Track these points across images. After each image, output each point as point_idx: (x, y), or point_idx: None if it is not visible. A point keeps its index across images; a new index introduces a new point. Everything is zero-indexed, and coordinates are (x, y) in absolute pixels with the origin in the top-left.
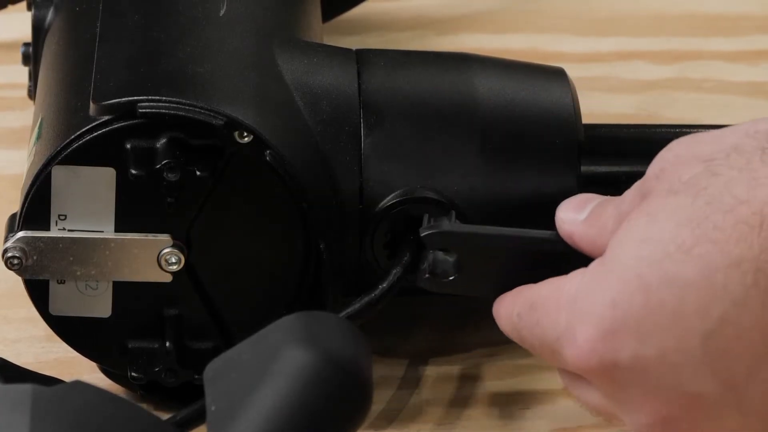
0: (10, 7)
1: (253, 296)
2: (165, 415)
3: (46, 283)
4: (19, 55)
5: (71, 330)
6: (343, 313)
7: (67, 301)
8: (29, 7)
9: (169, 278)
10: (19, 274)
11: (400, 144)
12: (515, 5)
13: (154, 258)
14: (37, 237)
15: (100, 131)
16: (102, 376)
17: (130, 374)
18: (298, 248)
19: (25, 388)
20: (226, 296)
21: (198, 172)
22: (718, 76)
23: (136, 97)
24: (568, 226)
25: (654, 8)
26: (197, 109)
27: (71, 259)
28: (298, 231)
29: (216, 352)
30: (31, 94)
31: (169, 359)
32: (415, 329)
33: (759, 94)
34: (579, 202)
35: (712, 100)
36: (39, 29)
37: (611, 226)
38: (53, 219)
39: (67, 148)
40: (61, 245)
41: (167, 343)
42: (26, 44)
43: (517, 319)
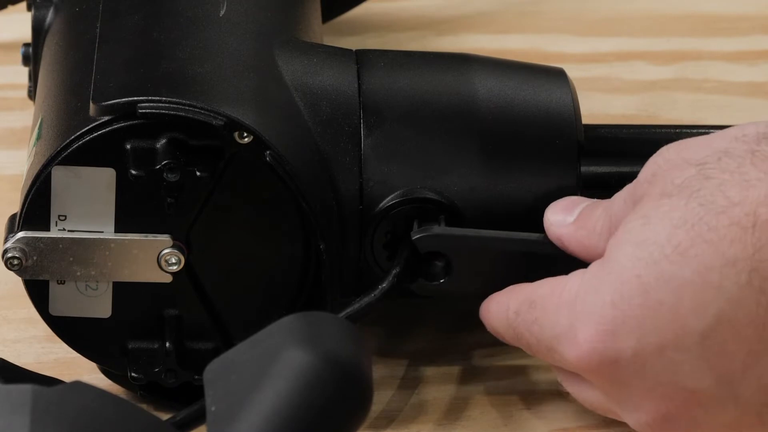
0: (10, 8)
1: (253, 297)
2: (165, 416)
3: (46, 283)
4: (18, 56)
5: (71, 330)
6: (342, 314)
7: (67, 301)
8: (29, 8)
9: (169, 279)
10: (19, 274)
11: (400, 144)
12: (515, 6)
13: (154, 258)
14: (37, 237)
15: (100, 132)
16: (102, 376)
17: (130, 375)
18: (297, 249)
19: (26, 389)
20: (226, 297)
21: (198, 173)
22: (718, 77)
23: (136, 98)
24: (557, 229)
25: (654, 9)
26: (197, 110)
27: (71, 259)
28: (298, 231)
29: (216, 352)
30: (31, 94)
31: (169, 360)
32: (415, 330)
33: (759, 95)
34: (567, 205)
35: (712, 101)
36: (39, 30)
37: (600, 229)
38: (53, 219)
39: (67, 148)
40: (61, 246)
41: (167, 344)
42: (26, 45)
43: (513, 316)
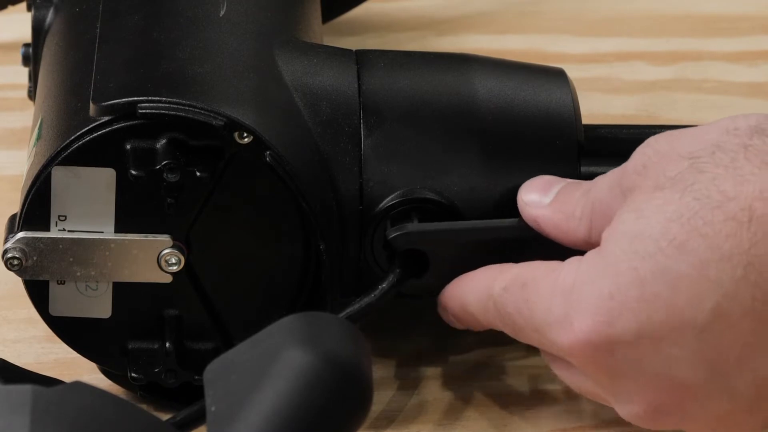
0: (10, 8)
1: (253, 297)
2: (165, 416)
3: (46, 283)
4: (18, 56)
5: (71, 331)
6: (342, 314)
7: (67, 301)
8: (29, 8)
9: (169, 279)
10: (19, 274)
11: (400, 145)
12: (515, 6)
13: (154, 259)
14: (37, 238)
15: (100, 132)
16: (102, 376)
17: (130, 375)
18: (297, 249)
19: (25, 389)
20: (226, 297)
21: (198, 173)
22: (717, 77)
23: (136, 98)
24: (533, 210)
25: (654, 9)
26: (197, 110)
27: (71, 259)
28: (298, 232)
29: (216, 352)
30: (31, 95)
31: (169, 360)
32: (415, 330)
33: (758, 95)
34: (542, 184)
35: (711, 101)
36: (39, 30)
37: (580, 214)
38: (53, 220)
39: (67, 148)
40: (61, 246)
41: (167, 344)
42: (26, 45)
43: (500, 291)
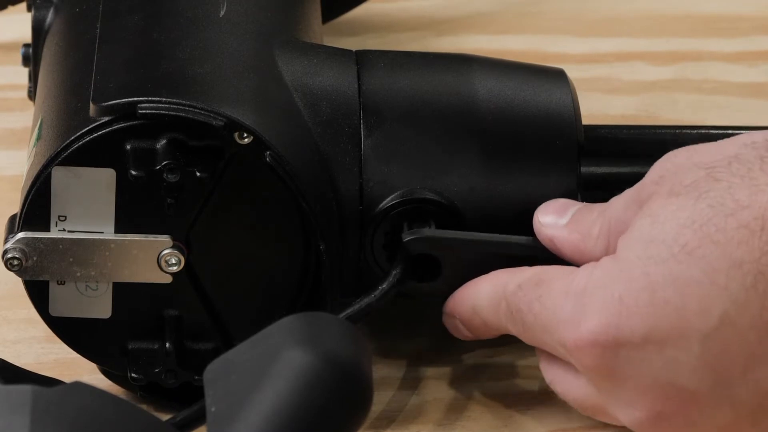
0: (10, 8)
1: (253, 297)
2: (165, 416)
3: (46, 284)
4: (19, 56)
5: (71, 331)
6: (342, 314)
7: (67, 302)
8: (29, 8)
9: (169, 279)
10: (19, 275)
11: (400, 145)
12: (515, 6)
13: (154, 259)
14: (37, 238)
15: (100, 132)
16: (102, 377)
17: (130, 375)
18: (297, 249)
19: (25, 389)
20: (226, 297)
21: (198, 173)
22: (717, 77)
23: (136, 98)
24: (549, 230)
25: (654, 9)
26: (197, 110)
27: (71, 260)
28: (298, 232)
29: (216, 353)
30: (31, 95)
31: (169, 360)
32: (415, 330)
33: (758, 95)
34: (559, 207)
35: (711, 101)
36: (39, 30)
37: (597, 233)
38: (53, 220)
39: (67, 149)
40: (61, 246)
41: (167, 344)
42: (26, 45)
43: (514, 289)
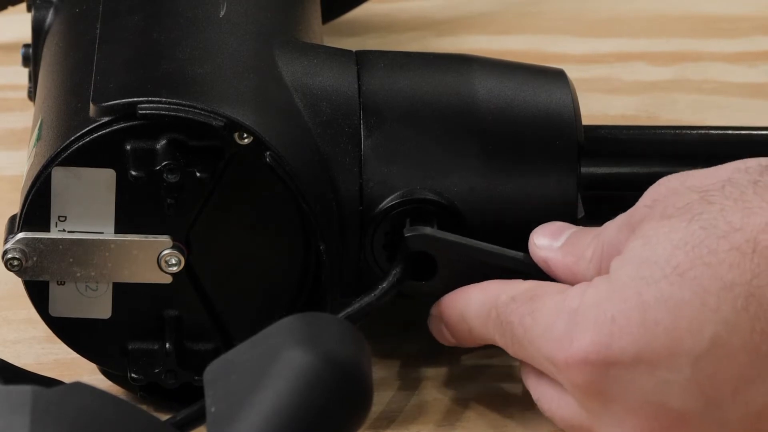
0: (10, 9)
1: (253, 297)
2: (165, 416)
3: (46, 284)
4: (19, 57)
5: (71, 331)
6: (342, 314)
7: (67, 302)
8: (29, 9)
9: (169, 279)
10: (19, 275)
11: (400, 145)
12: (515, 7)
13: (154, 259)
14: (37, 238)
15: (100, 132)
16: (102, 377)
17: (130, 375)
18: (297, 249)
19: (25, 390)
20: (226, 297)
21: (198, 174)
22: (717, 78)
23: (136, 99)
24: (544, 252)
25: (654, 10)
26: (197, 111)
27: (71, 260)
28: (298, 232)
29: (216, 353)
30: (31, 95)
31: (169, 360)
32: (415, 330)
33: (758, 95)
34: (555, 229)
35: (711, 101)
36: (39, 31)
37: (591, 256)
38: (53, 220)
39: (67, 149)
40: (61, 246)
41: (167, 345)
42: (26, 46)
43: (508, 301)
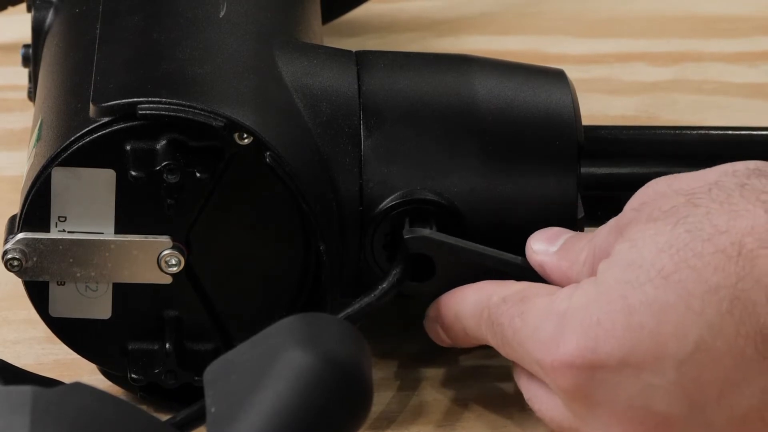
0: (10, 9)
1: (253, 297)
2: (165, 417)
3: (46, 284)
4: (18, 57)
5: (71, 332)
6: (342, 314)
7: (66, 302)
8: (29, 9)
9: (169, 280)
10: (19, 275)
11: (399, 145)
12: (515, 7)
13: (154, 260)
14: (37, 239)
15: (100, 133)
16: (102, 377)
17: (130, 376)
18: (297, 250)
19: (25, 390)
20: (226, 297)
21: (198, 174)
22: (717, 78)
23: (136, 99)
24: (540, 257)
25: (654, 10)
26: (197, 111)
27: (71, 260)
28: (298, 232)
29: (216, 353)
30: (31, 95)
31: (169, 361)
32: (415, 330)
33: (758, 96)
34: (551, 235)
35: (711, 102)
36: (39, 31)
37: (584, 260)
38: (53, 221)
39: (67, 149)
40: (61, 247)
41: (167, 345)
42: (26, 46)
43: (498, 301)
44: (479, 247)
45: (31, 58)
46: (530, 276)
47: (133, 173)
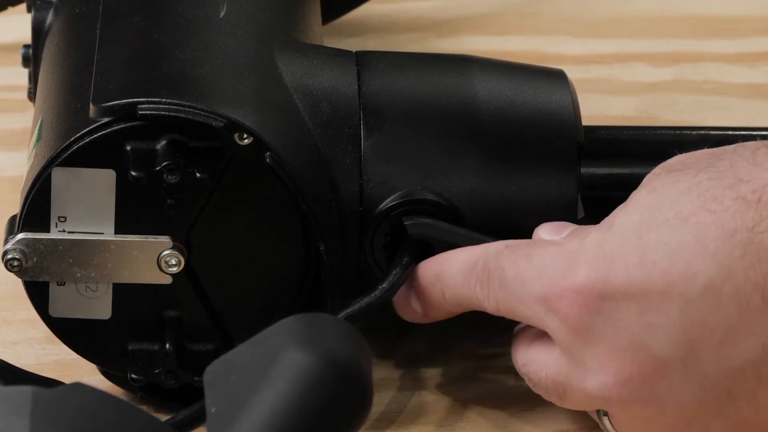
0: (10, 9)
1: (253, 298)
2: (165, 417)
3: (46, 285)
4: (19, 57)
5: (71, 332)
6: (342, 315)
7: (67, 303)
8: (29, 9)
9: (169, 280)
10: (19, 276)
11: (399, 146)
12: (515, 7)
13: (154, 260)
14: (37, 239)
15: (100, 133)
16: (102, 377)
17: (130, 376)
18: (297, 250)
19: (25, 390)
20: (226, 298)
21: (198, 174)
22: (717, 78)
23: (136, 99)
24: None
25: (654, 10)
26: (197, 111)
27: (71, 261)
28: (298, 233)
29: (216, 354)
30: (31, 96)
31: (169, 361)
32: (415, 331)
33: (758, 96)
34: (557, 226)
35: (711, 102)
36: (39, 31)
37: None
38: (53, 221)
39: (67, 150)
40: (61, 247)
41: (167, 345)
42: (26, 46)
43: (501, 248)
44: (478, 236)
45: (31, 58)
46: None
47: (133, 173)
